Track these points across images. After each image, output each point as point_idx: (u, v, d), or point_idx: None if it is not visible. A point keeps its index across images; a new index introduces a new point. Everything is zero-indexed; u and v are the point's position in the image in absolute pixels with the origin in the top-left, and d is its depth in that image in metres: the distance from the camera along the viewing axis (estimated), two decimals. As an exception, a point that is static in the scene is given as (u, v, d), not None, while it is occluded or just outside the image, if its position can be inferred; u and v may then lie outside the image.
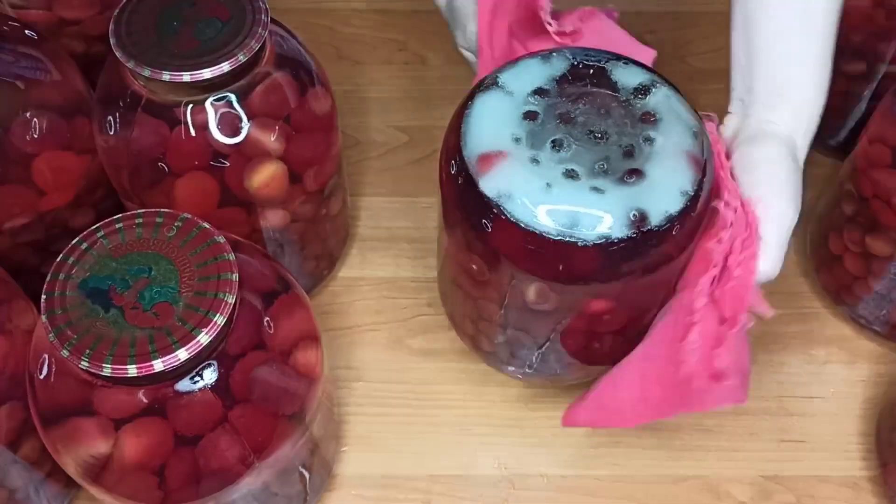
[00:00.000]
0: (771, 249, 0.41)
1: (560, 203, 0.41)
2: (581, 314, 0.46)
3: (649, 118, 0.44)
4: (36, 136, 0.51)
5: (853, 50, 0.63)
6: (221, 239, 0.41)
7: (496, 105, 0.45)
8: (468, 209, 0.44)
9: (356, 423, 0.58)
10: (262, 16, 0.47)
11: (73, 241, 0.40)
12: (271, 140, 0.50)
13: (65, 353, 0.37)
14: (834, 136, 0.69)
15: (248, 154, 0.49)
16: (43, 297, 0.39)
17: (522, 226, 0.41)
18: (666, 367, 0.44)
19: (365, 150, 0.71)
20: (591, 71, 0.45)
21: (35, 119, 0.51)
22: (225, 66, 0.46)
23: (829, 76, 0.45)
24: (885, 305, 0.58)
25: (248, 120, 0.48)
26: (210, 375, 0.40)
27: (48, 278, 0.39)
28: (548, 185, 0.42)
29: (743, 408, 0.58)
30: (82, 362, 0.37)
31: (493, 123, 0.44)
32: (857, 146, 0.57)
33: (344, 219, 0.63)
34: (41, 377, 0.41)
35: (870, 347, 0.61)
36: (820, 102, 0.45)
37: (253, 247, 0.46)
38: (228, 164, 0.49)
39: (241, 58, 0.46)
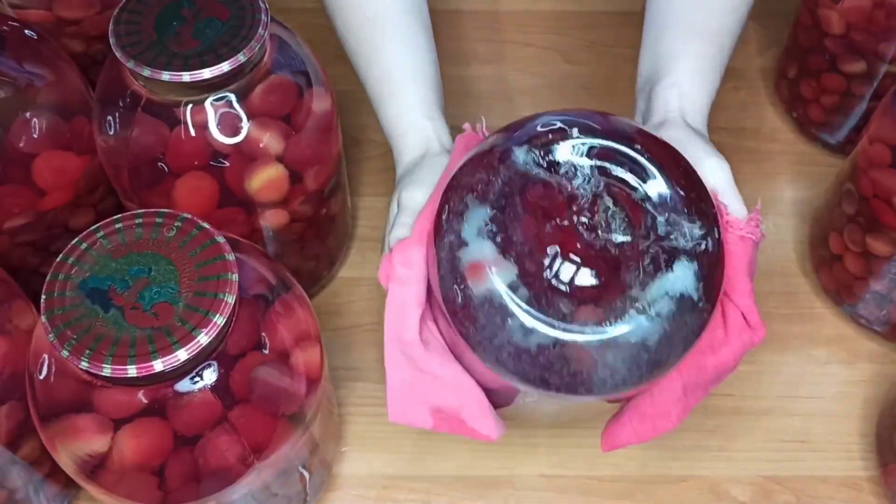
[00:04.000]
0: (729, 194, 0.47)
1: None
2: None
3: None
4: (36, 136, 0.51)
5: (853, 50, 0.63)
6: (221, 239, 0.41)
7: None
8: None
9: (356, 423, 0.58)
10: (262, 16, 0.47)
11: (73, 242, 0.40)
12: (271, 140, 0.50)
13: (64, 353, 0.37)
14: (834, 136, 0.69)
15: (248, 154, 0.49)
16: (43, 297, 0.39)
17: None
18: (701, 355, 0.45)
19: (365, 150, 0.71)
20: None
21: (35, 119, 0.51)
22: (225, 66, 0.46)
23: (718, 67, 0.54)
24: (885, 305, 0.58)
25: (248, 120, 0.48)
26: (210, 375, 0.40)
27: (48, 278, 0.39)
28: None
29: (743, 408, 0.58)
30: (82, 362, 0.37)
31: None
32: (858, 146, 0.57)
33: (344, 219, 0.63)
34: (41, 377, 0.41)
35: (870, 347, 0.61)
36: (704, 91, 0.53)
37: (253, 247, 0.46)
38: (228, 164, 0.49)
39: (241, 58, 0.46)
